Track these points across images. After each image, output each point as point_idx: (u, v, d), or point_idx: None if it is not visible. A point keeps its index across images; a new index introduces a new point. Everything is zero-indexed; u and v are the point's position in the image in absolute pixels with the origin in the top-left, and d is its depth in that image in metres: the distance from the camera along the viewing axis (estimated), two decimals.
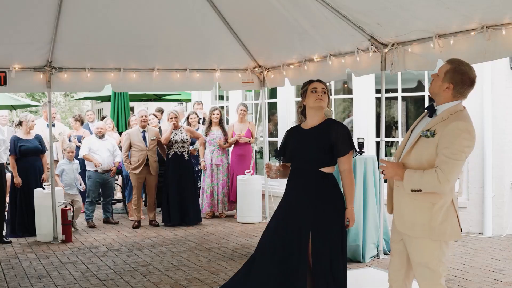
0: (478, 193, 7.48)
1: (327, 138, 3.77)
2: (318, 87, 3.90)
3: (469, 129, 3.14)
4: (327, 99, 3.91)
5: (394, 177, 3.32)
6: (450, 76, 3.24)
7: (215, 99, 12.32)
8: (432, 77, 3.36)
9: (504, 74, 7.39)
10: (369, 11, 5.37)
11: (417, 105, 8.48)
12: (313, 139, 3.82)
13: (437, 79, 3.31)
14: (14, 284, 5.56)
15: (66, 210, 7.51)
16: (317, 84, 3.92)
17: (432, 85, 3.34)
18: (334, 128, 3.81)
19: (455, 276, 5.52)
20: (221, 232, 8.01)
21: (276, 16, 6.25)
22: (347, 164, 3.80)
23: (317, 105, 3.87)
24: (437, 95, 3.31)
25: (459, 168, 3.14)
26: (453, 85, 3.23)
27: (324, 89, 3.90)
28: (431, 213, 3.21)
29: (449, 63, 3.30)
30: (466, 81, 3.23)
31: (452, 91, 3.24)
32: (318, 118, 3.90)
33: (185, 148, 8.65)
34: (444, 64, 3.33)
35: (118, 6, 6.38)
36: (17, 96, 18.95)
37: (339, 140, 3.76)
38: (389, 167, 3.33)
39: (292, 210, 3.85)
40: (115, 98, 10.80)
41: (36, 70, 7.24)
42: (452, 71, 3.25)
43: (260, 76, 8.31)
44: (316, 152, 3.79)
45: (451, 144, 3.10)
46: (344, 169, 3.80)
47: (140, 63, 7.58)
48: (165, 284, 5.46)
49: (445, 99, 3.28)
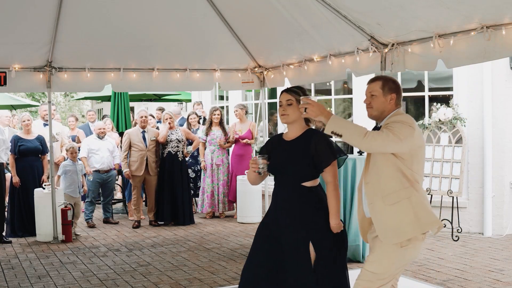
0: (478, 193, 7.48)
1: (308, 150, 3.47)
2: (283, 100, 3.53)
3: (408, 120, 3.23)
4: (296, 110, 3.48)
5: (318, 116, 3.18)
6: (388, 87, 3.34)
7: (215, 99, 12.33)
8: (368, 100, 3.37)
9: (504, 74, 7.40)
10: (369, 11, 5.37)
11: (417, 105, 8.48)
12: (294, 153, 3.52)
13: (376, 98, 3.35)
14: (14, 284, 5.56)
15: (66, 210, 7.50)
16: (282, 97, 3.55)
17: (374, 107, 3.35)
18: (313, 139, 3.48)
19: (455, 276, 5.52)
20: (221, 232, 8.01)
21: (276, 16, 6.24)
22: (330, 176, 3.48)
23: (282, 121, 3.58)
24: (383, 112, 3.35)
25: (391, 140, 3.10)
26: (395, 93, 3.35)
27: (290, 101, 3.50)
28: (413, 209, 3.20)
29: (377, 80, 3.39)
30: (400, 89, 3.39)
31: (396, 99, 3.36)
32: (298, 129, 3.56)
33: (180, 148, 8.69)
34: (372, 83, 3.39)
35: (118, 6, 6.38)
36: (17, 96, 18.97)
37: (320, 151, 3.45)
38: (314, 105, 3.20)
39: (280, 229, 3.52)
40: (115, 98, 10.79)
41: (36, 70, 7.24)
42: (386, 83, 3.36)
43: (260, 76, 8.31)
44: (297, 166, 3.49)
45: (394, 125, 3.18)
46: (327, 181, 3.49)
47: (140, 63, 7.58)
48: (165, 284, 5.46)
49: (389, 111, 3.34)
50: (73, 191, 7.96)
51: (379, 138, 3.10)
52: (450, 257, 6.30)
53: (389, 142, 3.11)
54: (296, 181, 3.50)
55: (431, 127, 7.53)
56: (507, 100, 7.44)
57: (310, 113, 3.21)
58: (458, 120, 7.30)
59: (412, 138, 3.17)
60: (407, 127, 3.17)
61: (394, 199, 3.22)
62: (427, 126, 7.56)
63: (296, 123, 3.55)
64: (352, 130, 3.14)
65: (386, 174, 3.24)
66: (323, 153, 3.45)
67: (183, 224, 8.55)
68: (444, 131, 7.44)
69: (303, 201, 3.48)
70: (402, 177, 3.22)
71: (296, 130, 3.57)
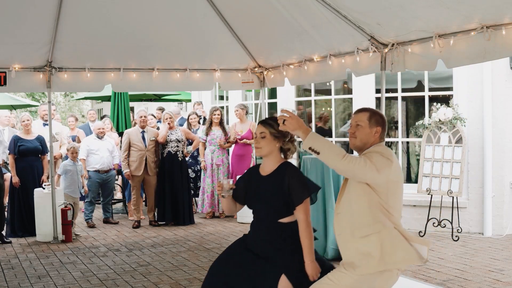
0: (478, 193, 7.48)
1: (282, 187, 3.32)
2: (257, 132, 3.40)
3: (387, 152, 3.16)
4: (270, 143, 3.36)
5: (296, 130, 3.07)
6: (374, 120, 3.27)
7: (215, 99, 12.33)
8: (353, 130, 3.30)
9: (504, 74, 7.40)
10: (369, 11, 5.37)
11: (417, 105, 8.48)
12: (268, 189, 3.38)
13: (361, 128, 3.26)
14: (14, 284, 5.56)
15: (66, 210, 7.50)
16: (257, 129, 3.42)
17: (358, 137, 3.27)
18: (287, 173, 3.34)
19: (455, 276, 5.52)
20: (221, 232, 8.01)
21: (276, 16, 6.24)
22: (302, 214, 3.31)
23: (255, 154, 3.49)
24: (366, 143, 3.28)
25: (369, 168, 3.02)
26: (381, 127, 3.28)
27: (264, 133, 3.36)
28: (381, 245, 3.11)
29: (364, 111, 3.31)
30: (386, 123, 3.34)
31: (381, 133, 3.29)
32: (273, 163, 3.42)
33: (180, 148, 8.69)
34: (359, 114, 3.31)
35: (118, 6, 6.38)
36: (17, 96, 18.97)
37: (292, 188, 3.31)
38: (293, 118, 3.07)
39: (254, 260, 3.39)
40: (115, 98, 10.79)
41: (36, 70, 7.24)
42: (374, 115, 3.29)
43: (260, 76, 8.30)
44: (272, 203, 3.37)
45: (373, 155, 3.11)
46: (299, 219, 3.32)
47: (140, 63, 7.58)
48: (165, 284, 5.46)
49: (372, 144, 3.28)
50: (73, 191, 7.97)
51: (356, 163, 3.02)
52: (450, 257, 6.30)
53: (367, 169, 3.02)
54: (272, 218, 3.39)
55: (431, 127, 7.53)
56: (507, 100, 7.44)
57: (288, 126, 3.09)
58: (458, 120, 7.30)
59: (389, 170, 3.10)
60: (385, 159, 3.10)
61: (363, 233, 3.13)
62: (427, 126, 7.55)
63: (271, 156, 3.41)
64: (330, 149, 3.03)
65: (359, 206, 3.16)
66: (295, 190, 3.32)
67: (183, 224, 8.56)
68: (444, 131, 7.44)
69: (280, 238, 3.36)
70: (376, 211, 3.13)
71: (271, 163, 3.43)
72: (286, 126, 3.10)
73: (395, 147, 8.65)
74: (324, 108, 9.74)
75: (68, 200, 7.75)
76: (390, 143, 8.72)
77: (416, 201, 7.79)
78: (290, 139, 3.44)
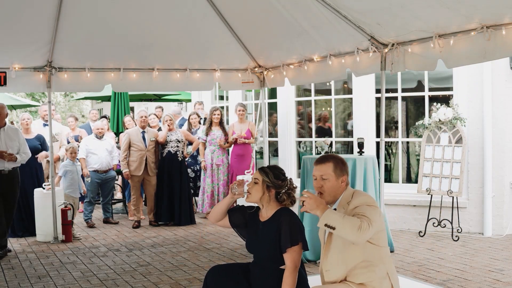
0: (478, 193, 7.48)
1: (276, 232, 3.35)
2: (253, 177, 3.49)
3: (372, 201, 3.22)
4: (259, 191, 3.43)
5: (314, 210, 3.10)
6: (339, 169, 3.29)
7: (215, 99, 12.32)
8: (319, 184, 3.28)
9: (504, 74, 7.40)
10: (369, 11, 5.37)
11: (417, 105, 8.47)
12: (266, 236, 3.42)
13: (328, 182, 3.27)
14: (14, 284, 5.56)
15: (66, 210, 7.50)
16: (255, 173, 3.50)
17: (326, 192, 3.27)
18: (282, 219, 3.37)
19: (455, 276, 5.52)
20: (221, 232, 8.01)
21: (276, 16, 6.24)
22: (289, 261, 3.30)
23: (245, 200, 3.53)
24: (336, 195, 3.29)
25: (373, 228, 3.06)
26: (346, 174, 3.31)
27: (257, 180, 3.43)
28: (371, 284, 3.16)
29: (327, 161, 3.30)
30: (347, 166, 3.35)
31: (346, 180, 3.31)
32: (270, 208, 3.47)
33: (179, 148, 8.70)
34: (322, 166, 3.30)
35: (118, 6, 6.38)
36: (17, 96, 18.97)
37: (283, 233, 3.32)
38: (312, 199, 3.12)
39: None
40: (115, 98, 10.79)
41: (36, 70, 7.24)
42: (337, 165, 3.30)
43: (260, 76, 8.31)
44: (270, 251, 3.39)
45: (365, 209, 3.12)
46: (286, 265, 3.33)
47: (140, 63, 7.58)
48: (165, 284, 5.46)
49: (340, 194, 3.29)
50: (73, 191, 7.98)
51: (367, 230, 3.02)
52: (450, 257, 6.30)
53: (372, 230, 3.06)
54: (272, 265, 3.42)
55: (431, 127, 7.53)
56: (507, 100, 7.44)
57: (307, 207, 3.12)
58: (458, 120, 7.30)
59: (380, 217, 3.15)
60: (373, 208, 3.14)
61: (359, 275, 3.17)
62: (427, 126, 7.55)
63: (265, 202, 3.46)
64: (345, 223, 3.01)
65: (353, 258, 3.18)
66: (283, 237, 3.33)
67: (183, 224, 8.55)
68: (444, 131, 7.44)
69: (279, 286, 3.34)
70: (369, 256, 3.18)
71: (268, 209, 3.48)
72: (305, 207, 3.14)
73: (395, 147, 8.65)
74: (324, 108, 9.74)
75: (68, 200, 7.75)
76: (390, 143, 8.73)
77: (416, 201, 7.79)
78: (287, 191, 3.46)
